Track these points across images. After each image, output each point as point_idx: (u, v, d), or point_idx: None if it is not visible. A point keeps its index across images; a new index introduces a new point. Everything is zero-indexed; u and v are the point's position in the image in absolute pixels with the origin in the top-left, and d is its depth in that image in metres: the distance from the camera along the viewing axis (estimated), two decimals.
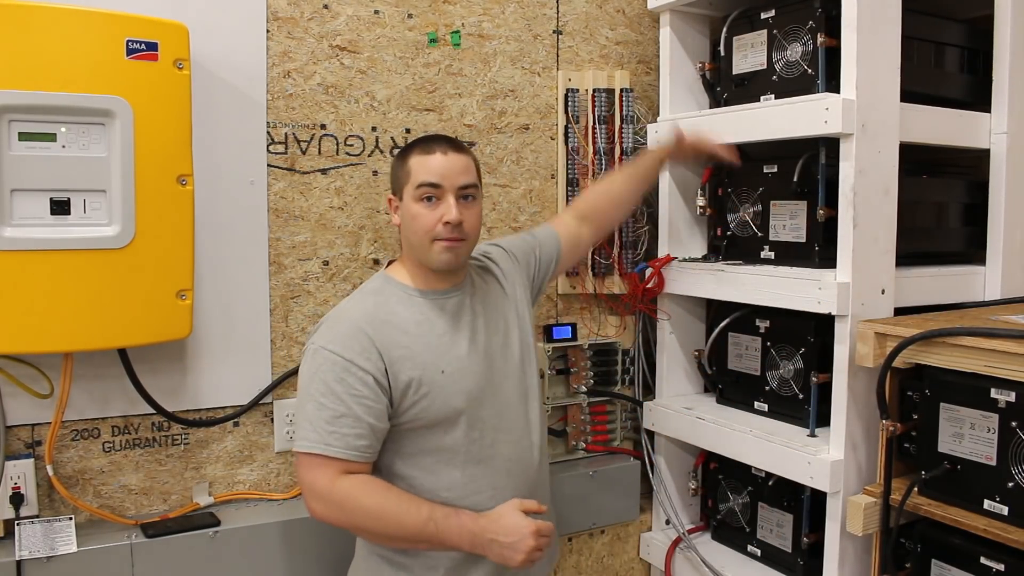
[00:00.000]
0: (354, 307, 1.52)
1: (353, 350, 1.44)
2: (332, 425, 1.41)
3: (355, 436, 1.42)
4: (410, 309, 1.52)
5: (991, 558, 1.46)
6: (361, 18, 1.94)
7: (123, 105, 1.51)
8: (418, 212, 1.49)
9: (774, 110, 1.83)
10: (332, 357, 1.44)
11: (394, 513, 1.42)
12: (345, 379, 1.43)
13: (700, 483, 2.21)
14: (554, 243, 1.82)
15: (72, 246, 1.50)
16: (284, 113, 1.87)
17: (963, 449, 1.50)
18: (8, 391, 1.62)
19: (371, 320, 1.48)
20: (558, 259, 1.83)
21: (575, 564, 2.25)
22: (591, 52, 2.25)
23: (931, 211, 1.99)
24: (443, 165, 1.49)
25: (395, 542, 1.48)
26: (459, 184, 1.50)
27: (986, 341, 1.43)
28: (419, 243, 1.50)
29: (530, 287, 1.76)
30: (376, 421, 1.44)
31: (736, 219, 2.02)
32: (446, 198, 1.48)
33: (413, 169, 1.50)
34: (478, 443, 1.52)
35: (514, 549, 1.44)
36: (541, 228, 1.86)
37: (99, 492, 1.74)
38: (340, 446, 1.41)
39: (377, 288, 1.56)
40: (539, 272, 1.79)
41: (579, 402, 2.21)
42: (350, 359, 1.43)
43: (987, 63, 1.95)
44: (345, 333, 1.46)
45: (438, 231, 1.48)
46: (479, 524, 1.46)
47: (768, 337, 1.98)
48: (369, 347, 1.45)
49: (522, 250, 1.77)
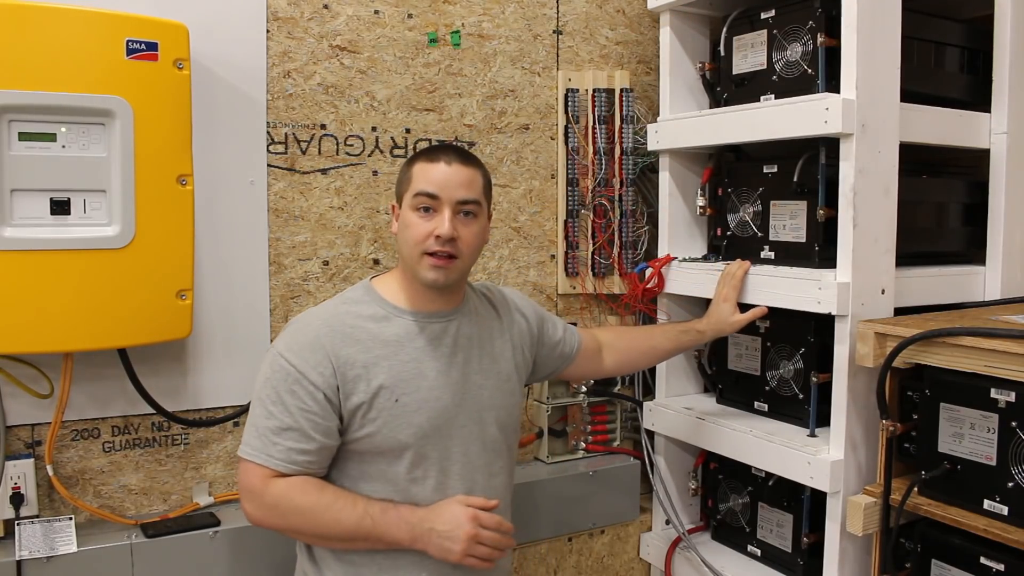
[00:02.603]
0: (321, 316, 1.45)
1: (308, 363, 1.38)
2: (278, 436, 1.37)
3: (298, 451, 1.37)
4: (382, 327, 1.45)
5: (991, 558, 1.46)
6: (361, 18, 1.94)
7: (123, 105, 1.51)
8: (412, 222, 1.42)
9: (774, 110, 1.83)
10: (286, 366, 1.38)
11: (328, 510, 1.37)
12: (296, 391, 1.38)
13: (700, 483, 2.21)
14: (573, 345, 1.76)
15: (72, 246, 1.50)
16: (284, 113, 1.87)
17: (963, 449, 1.50)
18: (8, 391, 1.62)
19: (333, 333, 1.41)
20: (569, 362, 1.76)
21: (575, 564, 2.25)
22: (591, 52, 2.25)
23: (931, 211, 1.99)
24: (444, 176, 1.41)
25: (332, 542, 1.42)
26: (458, 198, 1.42)
27: (986, 341, 1.43)
28: (409, 254, 1.44)
29: (530, 361, 1.67)
30: (324, 438, 1.39)
31: (736, 219, 2.02)
32: (442, 211, 1.41)
33: (414, 176, 1.44)
34: (420, 483, 1.44)
35: (451, 538, 1.38)
36: (569, 328, 1.78)
37: (99, 492, 1.74)
38: (281, 459, 1.37)
39: (355, 298, 1.49)
40: (543, 359, 1.71)
41: (579, 402, 2.21)
42: (303, 372, 1.38)
43: (987, 63, 1.95)
44: (304, 343, 1.40)
45: (428, 244, 1.40)
46: (417, 515, 1.40)
47: (768, 337, 1.97)
48: (324, 362, 1.39)
49: (538, 322, 1.70)
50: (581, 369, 1.81)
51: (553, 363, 1.75)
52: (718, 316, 1.85)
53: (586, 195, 2.21)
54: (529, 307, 1.71)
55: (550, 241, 2.22)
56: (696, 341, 1.90)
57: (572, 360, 1.77)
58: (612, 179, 2.22)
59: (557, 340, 1.74)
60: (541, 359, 1.71)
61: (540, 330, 1.70)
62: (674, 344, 1.88)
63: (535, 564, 2.17)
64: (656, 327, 2.00)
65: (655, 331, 1.92)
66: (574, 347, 1.76)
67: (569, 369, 1.78)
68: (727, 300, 1.85)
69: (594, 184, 2.21)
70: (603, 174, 2.21)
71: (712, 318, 1.86)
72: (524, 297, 1.74)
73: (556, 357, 1.74)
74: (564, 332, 1.76)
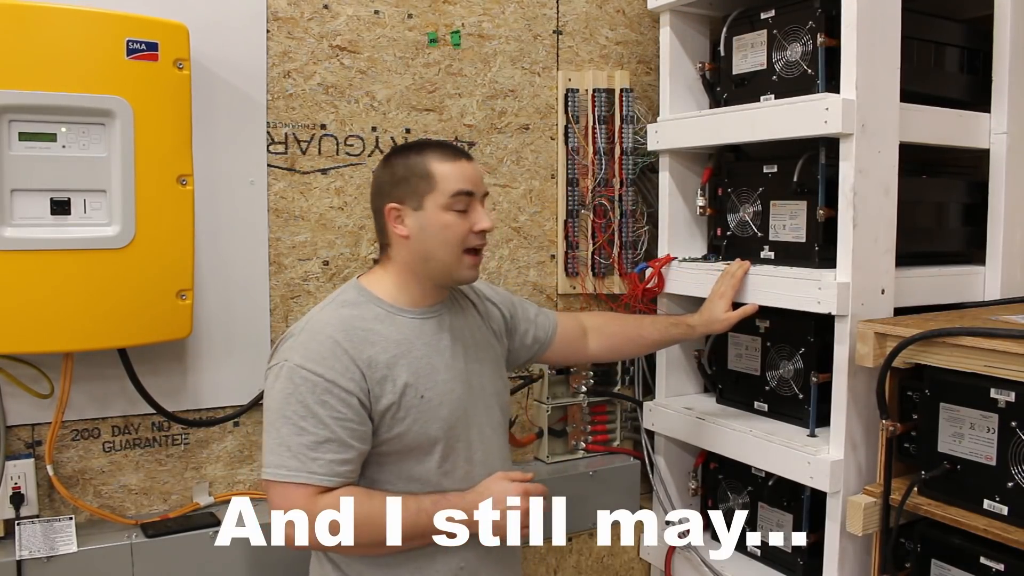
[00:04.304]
0: (330, 322, 1.41)
1: (335, 370, 1.35)
2: (315, 451, 1.32)
3: (340, 462, 1.34)
4: (388, 327, 1.44)
5: (991, 558, 1.46)
6: (361, 18, 1.94)
7: (123, 105, 1.51)
8: (451, 221, 1.42)
9: (774, 110, 1.83)
10: (312, 377, 1.34)
11: (383, 515, 1.35)
12: (327, 401, 1.34)
13: (700, 483, 2.21)
14: (547, 328, 1.75)
15: (72, 246, 1.51)
16: (284, 113, 1.87)
17: (963, 449, 1.50)
18: (8, 391, 1.62)
19: (350, 337, 1.39)
20: (545, 346, 1.75)
21: (575, 564, 2.25)
22: (591, 52, 2.25)
23: (931, 211, 1.99)
24: (472, 171, 1.46)
25: (386, 548, 1.40)
26: (484, 191, 1.49)
27: (986, 341, 1.43)
28: (447, 255, 1.44)
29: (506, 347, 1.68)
30: (361, 444, 1.37)
31: (736, 219, 2.02)
32: (475, 206, 1.45)
33: (441, 176, 1.42)
34: (450, 476, 1.46)
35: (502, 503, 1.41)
36: (543, 312, 1.77)
37: (99, 492, 1.74)
38: (324, 473, 1.33)
39: (352, 301, 1.46)
40: (517, 345, 1.71)
41: (579, 402, 2.21)
42: (332, 380, 1.34)
43: (987, 63, 1.95)
44: (323, 351, 1.36)
45: (470, 241, 1.44)
46: (466, 500, 1.42)
47: (768, 337, 1.97)
48: (351, 367, 1.36)
49: (510, 308, 1.71)
50: (561, 352, 1.80)
51: (529, 348, 1.74)
52: (710, 313, 1.85)
53: (586, 195, 2.21)
54: (498, 295, 1.72)
55: (550, 241, 2.22)
56: (685, 335, 1.89)
57: (549, 345, 1.76)
58: (612, 179, 2.22)
59: (530, 326, 1.73)
60: (516, 346, 1.72)
61: (512, 316, 1.71)
62: (662, 335, 1.87)
63: (535, 564, 2.18)
64: (647, 317, 1.99)
65: (645, 320, 1.92)
66: (548, 331, 1.75)
67: (548, 353, 1.77)
68: (722, 297, 1.85)
69: (594, 184, 2.21)
70: (603, 174, 2.21)
71: (704, 315, 1.86)
72: (492, 286, 1.75)
73: (531, 343, 1.73)
74: (536, 316, 1.75)
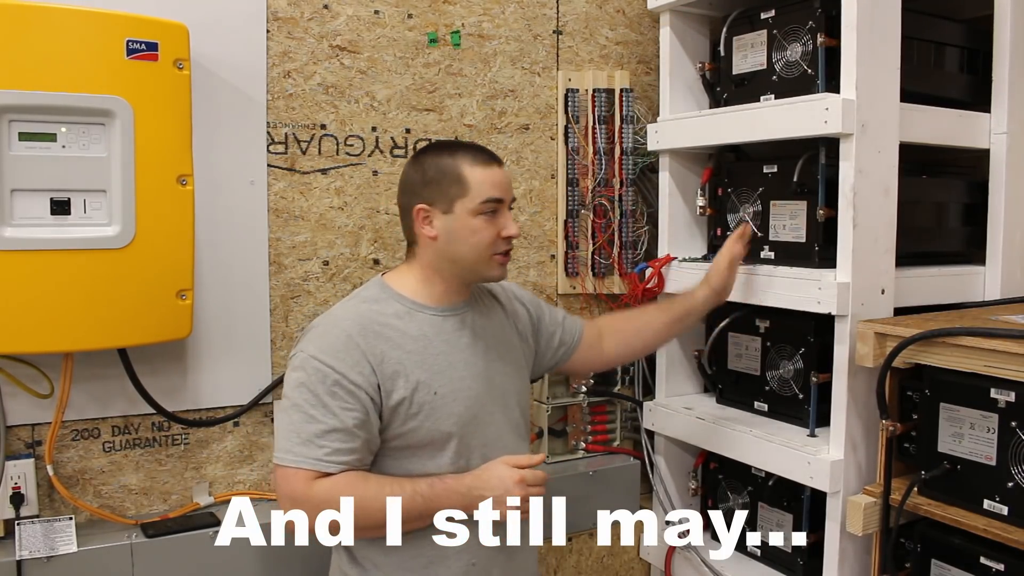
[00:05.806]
0: (347, 316, 1.46)
1: (346, 363, 1.39)
2: (322, 439, 1.36)
3: (345, 451, 1.37)
4: (407, 323, 1.47)
5: (991, 558, 1.46)
6: (361, 18, 1.94)
7: (123, 105, 1.51)
8: (479, 227, 1.46)
9: (774, 110, 1.83)
10: (323, 368, 1.38)
11: (377, 498, 1.37)
12: (336, 392, 1.38)
13: (700, 483, 2.21)
14: (574, 332, 1.75)
15: (72, 246, 1.51)
16: (284, 113, 1.87)
17: (963, 449, 1.50)
18: (8, 391, 1.62)
19: (364, 331, 1.43)
20: (571, 350, 1.75)
21: (575, 564, 2.25)
22: (591, 52, 2.25)
23: (931, 211, 1.99)
24: (504, 179, 1.49)
25: (385, 530, 1.41)
26: (512, 197, 1.54)
27: (986, 341, 1.43)
28: (476, 257, 1.48)
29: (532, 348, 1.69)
30: (368, 435, 1.40)
31: (736, 219, 2.02)
32: (503, 212, 1.49)
33: (474, 182, 1.45)
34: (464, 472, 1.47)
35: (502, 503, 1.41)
36: (570, 317, 1.78)
37: (99, 492, 1.74)
38: (327, 460, 1.36)
39: (373, 297, 1.50)
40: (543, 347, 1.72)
41: (579, 402, 2.21)
42: (342, 372, 1.38)
43: (987, 63, 1.95)
44: (337, 344, 1.40)
45: (498, 246, 1.49)
46: (464, 483, 1.42)
47: (768, 337, 1.98)
48: (362, 361, 1.40)
49: (537, 311, 1.72)
50: (585, 359, 1.79)
51: (555, 352, 1.74)
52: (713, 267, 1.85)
53: (586, 195, 2.21)
54: (527, 297, 1.73)
55: (550, 241, 2.22)
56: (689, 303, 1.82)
57: (575, 349, 1.76)
58: (612, 179, 2.22)
59: (557, 328, 1.74)
60: (542, 348, 1.72)
61: (539, 317, 1.72)
62: (667, 314, 1.82)
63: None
64: (648, 305, 1.99)
65: (647, 307, 1.92)
66: (575, 335, 1.76)
67: (573, 359, 1.77)
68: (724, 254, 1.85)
69: (594, 184, 2.21)
70: (603, 174, 2.21)
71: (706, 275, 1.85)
72: (522, 288, 1.76)
73: (557, 345, 1.74)
74: (564, 320, 1.76)
